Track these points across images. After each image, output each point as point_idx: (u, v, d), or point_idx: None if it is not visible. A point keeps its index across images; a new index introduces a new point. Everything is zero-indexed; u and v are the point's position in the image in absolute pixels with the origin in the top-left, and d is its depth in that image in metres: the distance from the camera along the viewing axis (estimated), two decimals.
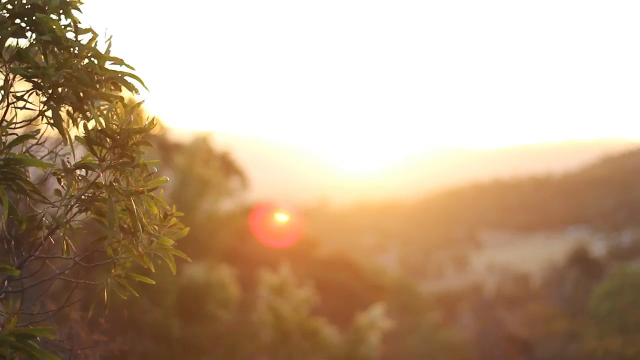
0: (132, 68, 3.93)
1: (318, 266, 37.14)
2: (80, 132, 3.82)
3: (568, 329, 34.43)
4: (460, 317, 59.10)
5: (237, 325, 27.04)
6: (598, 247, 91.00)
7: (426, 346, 42.77)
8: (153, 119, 3.86)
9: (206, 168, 28.49)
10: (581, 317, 35.73)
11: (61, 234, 3.93)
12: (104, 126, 3.74)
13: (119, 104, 3.78)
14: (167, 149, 32.06)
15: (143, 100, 3.96)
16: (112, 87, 3.92)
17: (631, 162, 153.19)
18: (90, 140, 3.77)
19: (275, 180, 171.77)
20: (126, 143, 3.76)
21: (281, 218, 36.06)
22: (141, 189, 3.83)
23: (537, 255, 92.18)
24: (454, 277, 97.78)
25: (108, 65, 3.89)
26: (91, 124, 3.80)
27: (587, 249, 65.45)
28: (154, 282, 4.10)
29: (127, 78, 3.93)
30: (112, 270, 3.99)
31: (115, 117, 3.77)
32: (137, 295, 4.10)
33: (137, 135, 3.78)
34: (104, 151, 3.78)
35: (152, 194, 3.90)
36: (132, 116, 3.79)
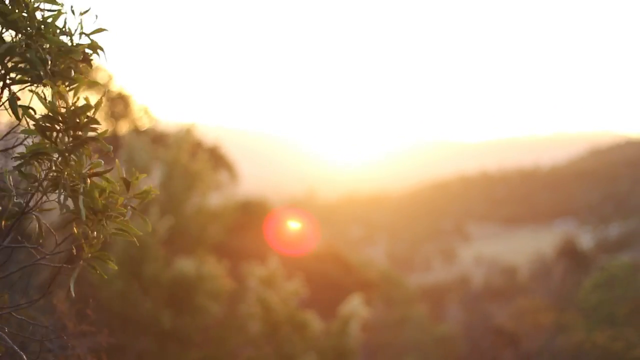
0: (100, 37, 3.84)
1: (307, 259, 37.04)
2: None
3: (555, 322, 34.42)
4: (447, 309, 59.26)
5: (226, 318, 26.96)
6: (585, 240, 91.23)
7: (414, 338, 42.82)
8: (101, 99, 3.76)
9: (193, 160, 28.31)
10: (569, 310, 35.73)
11: (36, 218, 3.86)
12: (51, 109, 3.65)
13: (62, 86, 3.67)
14: (156, 141, 31.93)
15: (86, 79, 3.83)
16: (81, 62, 3.83)
17: (618, 155, 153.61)
18: (39, 127, 3.67)
19: (263, 172, 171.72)
20: (76, 125, 3.66)
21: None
22: (91, 171, 3.75)
23: (524, 247, 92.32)
24: (442, 270, 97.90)
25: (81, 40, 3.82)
26: (41, 109, 3.72)
27: (574, 242, 65.53)
28: (116, 267, 3.98)
29: (87, 50, 3.85)
30: (83, 252, 3.88)
31: (61, 99, 3.66)
32: (106, 277, 4.01)
33: (84, 115, 3.67)
34: (55, 134, 3.69)
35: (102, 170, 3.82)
36: (78, 97, 3.71)
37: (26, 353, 3.90)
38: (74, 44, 3.80)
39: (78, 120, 3.66)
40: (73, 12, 3.79)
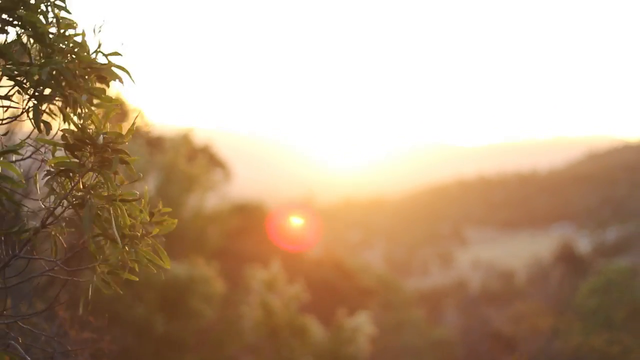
0: (116, 60, 3.87)
1: (306, 264, 37.05)
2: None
3: (553, 326, 34.45)
4: (445, 313, 59.24)
5: (222, 323, 26.92)
6: (583, 244, 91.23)
7: (411, 343, 42.79)
8: (133, 124, 3.85)
9: (190, 164, 28.34)
10: (566, 314, 35.74)
11: (53, 233, 3.89)
12: (81, 130, 3.69)
13: (96, 111, 3.73)
14: (152, 145, 31.95)
15: (118, 107, 3.87)
16: (98, 82, 3.86)
17: (616, 159, 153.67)
18: (69, 145, 3.71)
19: (260, 176, 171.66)
20: (105, 149, 3.70)
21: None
22: (120, 196, 3.80)
23: (522, 252, 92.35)
24: (439, 274, 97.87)
25: (99, 58, 3.84)
26: (71, 126, 3.76)
27: (572, 246, 65.59)
28: (137, 279, 4.03)
29: (113, 69, 3.87)
30: (97, 268, 3.94)
31: (91, 121, 3.72)
32: (121, 292, 4.06)
33: (116, 140, 3.73)
34: (85, 154, 3.72)
35: (131, 197, 3.87)
36: (108, 121, 3.76)
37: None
38: (102, 63, 3.83)
39: (104, 141, 3.69)
40: (94, 31, 3.81)
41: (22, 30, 3.68)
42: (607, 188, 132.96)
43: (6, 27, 3.65)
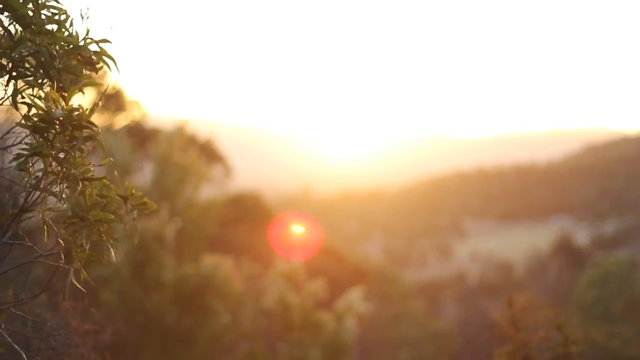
0: (106, 47, 3.82)
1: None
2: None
3: (551, 318, 34.43)
4: (443, 305, 59.26)
5: (233, 319, 26.86)
6: (581, 236, 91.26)
7: (409, 334, 42.79)
8: (97, 103, 3.79)
9: (185, 156, 28.28)
10: (565, 306, 35.72)
11: (41, 216, 3.82)
12: (45, 111, 3.65)
13: (54, 92, 3.68)
14: (147, 136, 31.92)
15: (83, 83, 3.83)
16: (86, 68, 3.87)
17: (614, 152, 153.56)
18: (36, 127, 3.67)
19: (259, 168, 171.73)
20: (73, 127, 3.66)
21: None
22: (85, 175, 3.75)
23: (520, 244, 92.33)
24: (438, 266, 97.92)
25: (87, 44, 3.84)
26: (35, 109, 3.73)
27: (570, 238, 65.59)
28: (104, 262, 3.96)
29: (92, 48, 3.88)
30: (74, 253, 3.87)
31: (53, 101, 3.68)
32: (93, 283, 4.01)
33: (74, 121, 3.68)
34: (52, 136, 3.69)
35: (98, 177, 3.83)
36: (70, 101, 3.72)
37: (30, 350, 3.88)
38: (82, 44, 3.82)
39: (73, 123, 3.65)
40: (82, 16, 3.82)
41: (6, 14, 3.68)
42: (605, 180, 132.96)
43: None
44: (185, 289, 24.46)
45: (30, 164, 3.73)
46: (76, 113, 3.65)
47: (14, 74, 3.70)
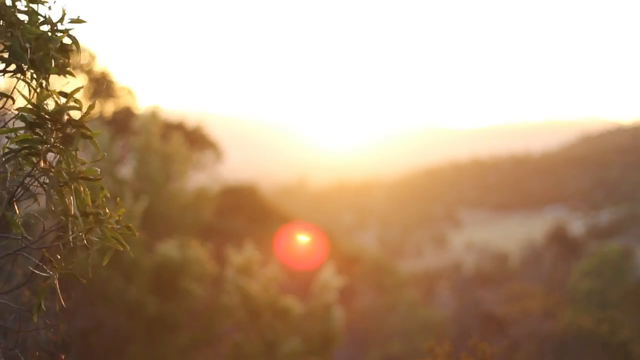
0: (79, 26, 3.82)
1: (292, 243, 36.79)
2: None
3: (545, 307, 34.52)
4: (438, 295, 59.28)
5: (212, 302, 26.82)
6: (576, 226, 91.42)
7: (404, 324, 42.80)
8: (93, 104, 3.79)
9: (167, 142, 28.12)
10: (559, 296, 35.79)
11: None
12: (38, 107, 3.64)
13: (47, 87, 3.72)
14: (125, 126, 31.81)
15: (82, 86, 3.83)
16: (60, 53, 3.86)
17: (609, 142, 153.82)
18: (29, 123, 3.65)
19: (254, 158, 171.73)
20: (66, 124, 3.65)
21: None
22: (81, 173, 3.72)
23: (515, 234, 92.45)
24: (433, 256, 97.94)
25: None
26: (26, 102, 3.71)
27: (565, 228, 65.71)
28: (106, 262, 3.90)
29: (65, 41, 3.86)
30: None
31: (47, 96, 3.68)
32: (84, 281, 3.97)
33: (72, 114, 3.68)
34: (45, 131, 3.67)
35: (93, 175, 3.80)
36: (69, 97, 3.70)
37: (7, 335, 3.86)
38: (54, 34, 3.79)
39: (66, 117, 3.65)
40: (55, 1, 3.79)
41: None
42: (600, 170, 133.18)
43: None
44: (160, 273, 24.44)
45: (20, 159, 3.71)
46: (71, 110, 3.64)
47: None
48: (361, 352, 39.78)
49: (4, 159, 3.67)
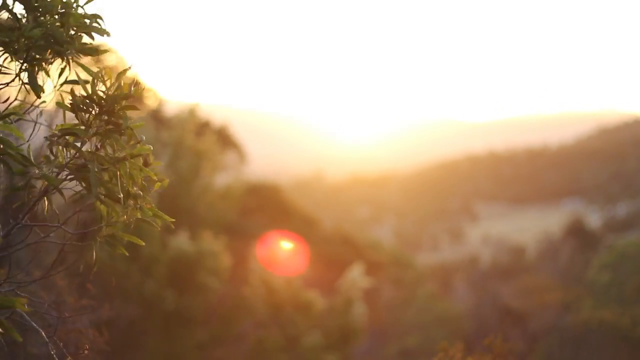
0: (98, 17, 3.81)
1: (318, 242, 36.92)
2: (67, 97, 3.70)
3: (563, 301, 34.46)
4: (455, 289, 59.19)
5: (231, 298, 26.90)
6: (593, 219, 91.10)
7: (421, 318, 42.81)
8: (138, 83, 3.75)
9: (199, 140, 28.31)
10: (577, 289, 35.72)
11: (46, 200, 3.82)
12: (90, 92, 3.64)
13: (106, 70, 3.68)
14: (162, 121, 31.91)
15: (130, 67, 3.91)
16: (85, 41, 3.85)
17: (626, 134, 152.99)
18: (75, 107, 3.65)
19: (271, 151, 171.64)
20: (112, 109, 3.65)
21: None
22: (125, 155, 3.73)
23: (531, 227, 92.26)
24: (449, 249, 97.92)
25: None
26: (77, 89, 3.70)
27: (582, 221, 65.47)
28: (143, 244, 3.94)
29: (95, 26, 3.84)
30: (103, 230, 3.87)
31: (100, 83, 3.66)
32: (127, 254, 3.98)
33: (123, 102, 3.68)
34: (91, 117, 3.68)
35: (137, 161, 3.82)
36: (119, 82, 3.68)
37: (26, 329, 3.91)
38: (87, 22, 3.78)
39: (115, 106, 3.65)
40: None
41: None
42: (616, 163, 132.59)
43: None
44: (176, 267, 24.54)
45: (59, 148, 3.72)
46: (121, 97, 3.65)
47: (27, 57, 3.65)
48: (379, 345, 39.85)
49: (48, 143, 3.69)
